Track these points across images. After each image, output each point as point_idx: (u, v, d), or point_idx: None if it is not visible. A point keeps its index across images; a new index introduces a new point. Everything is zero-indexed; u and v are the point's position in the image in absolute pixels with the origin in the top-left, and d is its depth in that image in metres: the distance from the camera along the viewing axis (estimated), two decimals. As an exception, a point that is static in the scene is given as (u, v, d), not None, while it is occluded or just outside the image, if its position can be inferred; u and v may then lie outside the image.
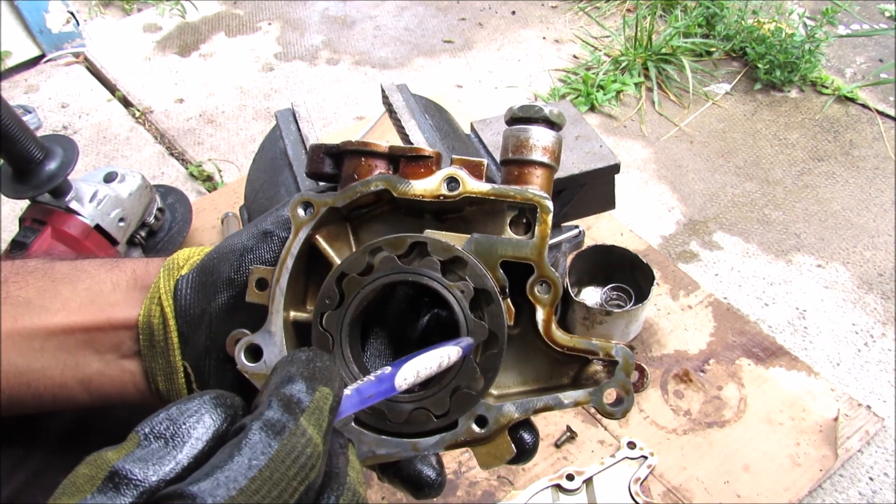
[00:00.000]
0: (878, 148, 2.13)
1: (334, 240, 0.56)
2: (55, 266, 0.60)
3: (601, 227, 1.79)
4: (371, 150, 0.55)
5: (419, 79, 2.48)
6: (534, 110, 0.55)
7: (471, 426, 0.53)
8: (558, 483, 1.29)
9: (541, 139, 0.55)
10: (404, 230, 0.55)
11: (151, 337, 0.57)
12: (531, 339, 0.55)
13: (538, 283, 0.54)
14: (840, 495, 1.34)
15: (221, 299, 0.56)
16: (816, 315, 1.66)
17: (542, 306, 0.54)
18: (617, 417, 0.53)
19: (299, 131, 1.41)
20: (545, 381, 0.58)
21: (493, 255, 0.53)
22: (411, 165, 0.54)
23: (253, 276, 0.54)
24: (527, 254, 0.53)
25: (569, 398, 0.53)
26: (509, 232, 0.55)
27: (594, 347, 0.54)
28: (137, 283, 0.59)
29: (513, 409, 0.53)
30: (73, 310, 0.57)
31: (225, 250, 0.58)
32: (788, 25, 2.43)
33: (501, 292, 0.53)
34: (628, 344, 0.56)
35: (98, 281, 0.59)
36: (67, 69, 2.57)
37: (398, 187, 0.53)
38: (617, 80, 2.33)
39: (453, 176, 0.53)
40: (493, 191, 0.53)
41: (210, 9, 2.88)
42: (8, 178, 1.44)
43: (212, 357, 0.56)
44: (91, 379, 0.57)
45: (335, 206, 0.54)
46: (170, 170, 2.14)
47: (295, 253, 0.54)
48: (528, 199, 0.53)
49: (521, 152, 0.55)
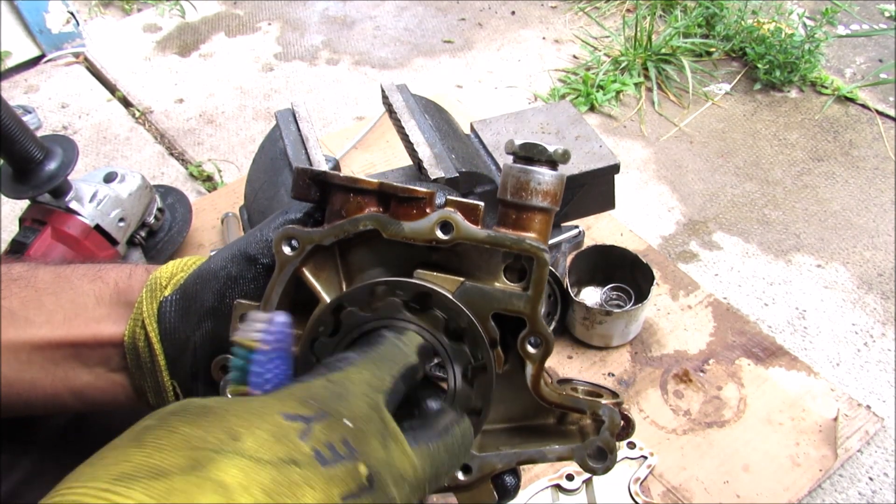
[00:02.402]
0: (878, 148, 2.13)
1: (321, 270, 0.54)
2: (38, 274, 0.59)
3: (601, 227, 1.79)
4: (360, 188, 0.52)
5: (419, 79, 2.48)
6: (537, 150, 0.52)
7: (454, 473, 0.53)
8: (558, 483, 1.29)
9: (542, 182, 0.52)
10: (393, 257, 0.54)
11: (138, 358, 0.56)
12: (518, 377, 0.54)
13: (530, 337, 0.52)
14: (840, 495, 1.34)
15: (205, 328, 0.55)
16: (816, 315, 1.66)
17: (532, 362, 0.53)
18: (599, 474, 0.53)
19: (299, 131, 1.41)
20: (530, 418, 0.58)
21: (485, 307, 0.52)
22: (403, 206, 0.52)
23: (236, 312, 0.53)
24: (520, 307, 0.52)
25: (553, 453, 0.53)
26: (503, 278, 0.53)
27: (581, 405, 0.54)
28: (120, 298, 0.58)
29: (497, 460, 0.54)
30: (57, 323, 0.56)
31: (207, 275, 0.56)
32: (788, 25, 2.43)
33: (491, 344, 0.52)
34: (615, 403, 0.55)
35: (81, 293, 0.58)
36: (67, 69, 2.57)
37: (388, 228, 0.52)
38: (617, 81, 2.34)
39: (447, 220, 0.51)
40: (489, 238, 0.51)
41: (210, 9, 2.88)
42: (8, 178, 1.44)
43: (199, 381, 0.56)
44: (82, 390, 0.57)
45: (321, 244, 0.52)
46: (170, 170, 2.14)
47: (279, 291, 0.53)
48: (524, 249, 0.51)
49: (520, 196, 0.52)
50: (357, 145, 2.07)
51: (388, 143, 2.08)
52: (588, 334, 1.52)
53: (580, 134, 1.49)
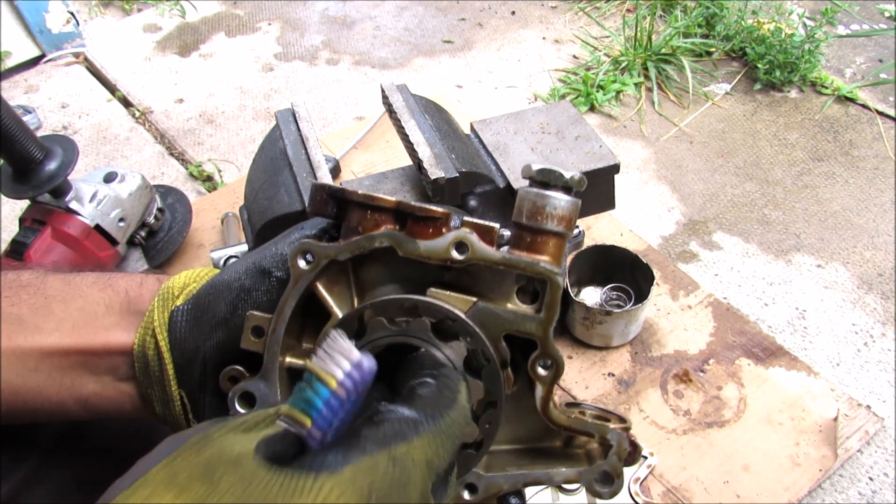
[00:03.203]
0: (878, 148, 2.13)
1: (334, 284, 0.55)
2: (48, 281, 0.59)
3: (601, 227, 1.79)
4: (378, 206, 0.53)
5: (419, 79, 2.48)
6: (554, 176, 0.53)
7: (461, 492, 0.53)
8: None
9: (558, 207, 0.53)
10: (406, 275, 0.55)
11: (147, 367, 0.56)
12: (527, 398, 0.55)
13: (541, 359, 0.53)
14: (840, 495, 1.34)
15: (216, 338, 0.56)
16: (816, 315, 1.66)
17: (543, 384, 0.53)
18: (605, 498, 0.53)
19: (299, 131, 1.41)
20: (537, 440, 0.58)
21: (497, 328, 0.53)
22: (419, 225, 0.52)
23: (249, 323, 0.54)
24: (532, 329, 0.52)
25: (559, 476, 0.53)
26: (515, 300, 0.54)
27: (590, 429, 0.55)
28: (131, 307, 0.58)
29: (503, 481, 0.54)
30: (66, 331, 0.56)
31: (221, 286, 0.57)
32: (788, 25, 2.43)
33: (502, 365, 0.52)
34: (623, 428, 0.56)
35: (91, 301, 0.58)
36: (67, 69, 2.57)
37: (404, 246, 0.52)
38: (617, 81, 2.34)
39: (462, 241, 0.52)
40: (503, 260, 0.52)
41: (210, 9, 2.88)
42: (8, 178, 1.44)
43: (207, 392, 0.56)
44: (88, 399, 0.57)
45: (337, 259, 0.53)
46: (170, 170, 2.14)
47: (293, 304, 0.53)
48: (538, 272, 0.52)
49: (536, 220, 0.53)
50: (357, 145, 2.07)
51: (388, 143, 2.08)
52: (588, 334, 1.52)
53: (580, 134, 1.49)
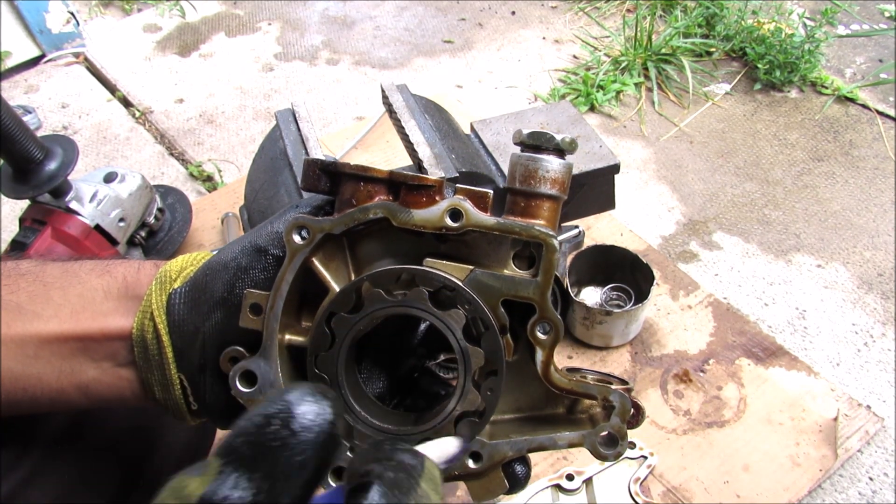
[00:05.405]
0: (878, 148, 2.13)
1: (330, 260, 0.55)
2: (46, 269, 0.59)
3: (601, 227, 1.79)
4: (371, 176, 0.52)
5: (419, 79, 2.48)
6: (545, 139, 0.53)
7: (465, 461, 0.53)
8: (558, 483, 1.29)
9: (550, 170, 0.53)
10: (402, 249, 0.54)
11: (146, 350, 0.56)
12: (528, 366, 0.54)
13: (540, 323, 0.52)
14: (840, 495, 1.34)
15: (215, 318, 0.56)
16: (816, 315, 1.66)
17: (542, 348, 0.53)
18: (610, 460, 0.53)
19: (299, 131, 1.41)
20: (540, 408, 0.57)
21: (495, 293, 0.52)
22: (413, 194, 0.52)
23: (247, 301, 0.53)
24: (529, 294, 0.52)
25: (563, 440, 0.53)
26: (512, 266, 0.53)
27: (592, 391, 0.54)
28: (129, 291, 0.58)
29: (507, 447, 0.53)
30: (65, 317, 0.56)
31: (217, 266, 0.57)
32: (788, 25, 2.43)
33: (501, 330, 0.52)
34: (626, 389, 0.55)
35: (89, 287, 0.58)
36: (67, 69, 2.57)
37: (398, 216, 0.52)
38: (617, 81, 2.33)
39: (456, 208, 0.52)
40: (498, 225, 0.52)
41: (210, 9, 2.88)
42: (8, 178, 1.44)
43: (207, 373, 0.56)
44: (88, 385, 0.57)
45: (332, 233, 0.52)
46: (170, 170, 2.14)
47: (290, 280, 0.53)
48: (533, 236, 0.52)
49: (529, 183, 0.53)
50: (357, 145, 2.07)
51: (388, 143, 2.08)
52: (588, 334, 1.52)
53: (580, 134, 1.49)
